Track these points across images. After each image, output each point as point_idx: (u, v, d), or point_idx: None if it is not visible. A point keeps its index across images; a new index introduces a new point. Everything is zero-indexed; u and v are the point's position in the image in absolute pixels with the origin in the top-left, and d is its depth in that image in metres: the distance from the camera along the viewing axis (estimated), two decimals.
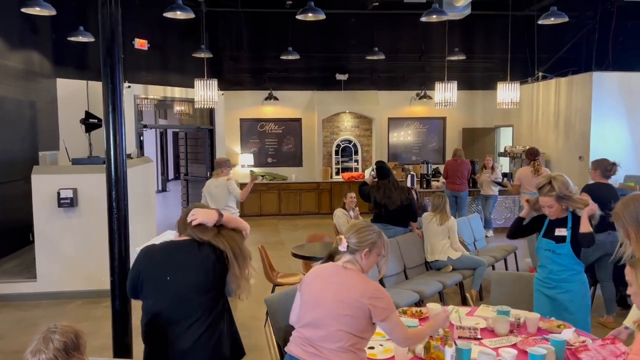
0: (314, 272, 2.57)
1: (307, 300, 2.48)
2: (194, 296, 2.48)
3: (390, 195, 5.64)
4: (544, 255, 3.40)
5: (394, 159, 12.75)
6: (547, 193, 3.27)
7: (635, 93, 9.31)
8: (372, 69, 12.19)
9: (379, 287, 2.41)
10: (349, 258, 2.45)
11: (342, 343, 2.33)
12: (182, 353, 2.45)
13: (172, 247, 2.62)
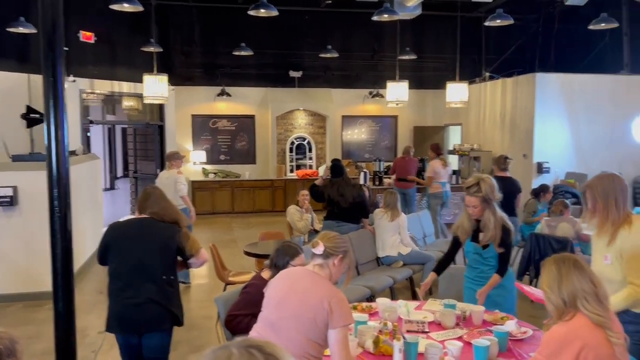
0: (281, 274, 2.57)
1: (269, 302, 2.46)
2: (151, 261, 3.09)
3: (343, 193, 5.70)
4: (473, 258, 3.56)
5: (348, 156, 12.86)
6: (474, 193, 3.37)
7: (576, 93, 9.74)
8: (325, 67, 12.24)
9: (344, 296, 2.41)
10: (321, 262, 2.45)
11: (300, 349, 2.31)
12: (139, 306, 3.04)
13: (134, 221, 3.36)
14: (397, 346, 2.54)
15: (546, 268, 2.21)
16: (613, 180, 2.78)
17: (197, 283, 6.95)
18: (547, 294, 2.18)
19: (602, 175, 2.84)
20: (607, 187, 2.75)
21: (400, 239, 5.68)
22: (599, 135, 9.73)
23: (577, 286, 2.10)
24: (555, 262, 2.20)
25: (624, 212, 2.74)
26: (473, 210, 3.42)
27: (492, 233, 3.38)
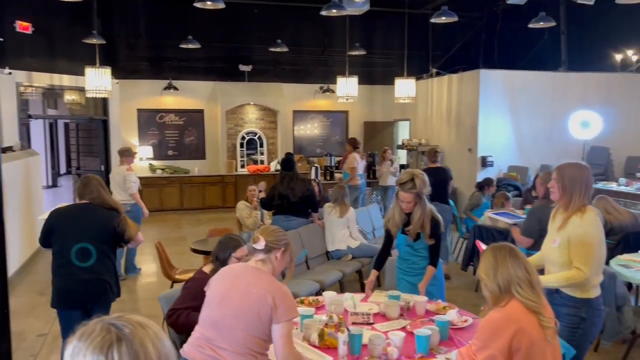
0: (222, 272, 2.52)
1: (211, 300, 2.41)
2: (92, 242, 3.47)
3: (293, 187, 5.70)
4: (404, 250, 3.66)
5: (300, 151, 12.86)
6: (409, 190, 3.47)
7: (518, 90, 10.11)
8: (276, 61, 12.17)
9: (288, 290, 2.40)
10: (263, 257, 2.43)
11: (244, 347, 2.29)
12: (83, 282, 3.44)
13: (76, 206, 3.80)
14: (341, 338, 2.57)
15: (484, 256, 2.30)
16: (583, 170, 2.87)
17: (144, 282, 6.79)
18: (483, 280, 2.26)
19: (574, 164, 2.91)
20: (577, 175, 2.83)
21: (349, 233, 5.74)
22: (539, 130, 10.14)
23: (511, 273, 2.19)
24: (492, 250, 2.28)
25: (583, 202, 2.82)
26: (407, 206, 3.51)
27: (418, 225, 3.49)
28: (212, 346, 2.32)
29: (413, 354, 2.61)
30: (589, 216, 2.79)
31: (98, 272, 3.48)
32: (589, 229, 2.76)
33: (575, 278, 2.74)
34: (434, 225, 3.53)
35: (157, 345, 1.08)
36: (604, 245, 2.83)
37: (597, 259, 2.77)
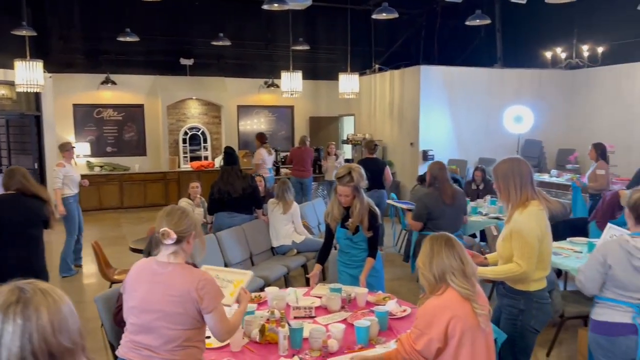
0: (135, 275, 2.35)
1: (133, 306, 2.30)
2: (25, 229, 3.95)
3: (233, 183, 5.63)
4: (344, 243, 3.72)
5: (245, 147, 12.74)
6: (347, 183, 3.52)
7: (456, 85, 10.42)
8: (218, 55, 11.98)
9: (207, 274, 2.35)
10: (174, 249, 2.30)
11: (179, 342, 2.24)
12: (16, 267, 3.47)
13: (3, 196, 4.04)
14: (281, 333, 2.58)
15: (422, 246, 2.37)
16: (514, 163, 2.88)
17: (85, 283, 6.55)
18: (421, 269, 2.34)
19: (506, 159, 2.94)
20: (508, 170, 2.86)
21: (294, 228, 5.74)
22: (477, 124, 10.51)
23: (446, 263, 2.26)
24: (430, 240, 2.36)
25: (522, 195, 2.82)
26: (345, 199, 3.56)
27: (359, 218, 3.55)
28: (147, 347, 2.26)
29: (353, 345, 2.65)
30: (529, 211, 2.79)
31: (31, 257, 3.95)
32: (527, 224, 2.77)
33: (513, 272, 2.77)
34: (371, 217, 3.60)
35: (53, 312, 1.16)
36: (547, 239, 2.84)
37: (536, 254, 2.75)
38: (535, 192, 2.88)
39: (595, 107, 10.45)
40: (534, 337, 2.91)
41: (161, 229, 2.26)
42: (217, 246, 5.06)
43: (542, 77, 10.75)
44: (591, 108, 10.55)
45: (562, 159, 10.28)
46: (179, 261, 2.32)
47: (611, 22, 9.50)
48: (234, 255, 5.20)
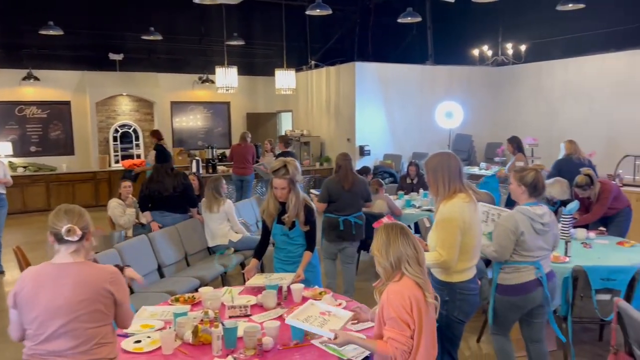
0: (33, 284, 2.16)
1: (37, 316, 2.13)
2: None
3: (163, 181, 5.47)
4: (280, 239, 3.70)
5: (180, 144, 12.44)
6: (283, 176, 3.53)
7: (390, 82, 10.64)
8: (149, 49, 11.60)
9: (113, 268, 2.30)
10: (76, 247, 2.19)
11: (96, 339, 2.16)
12: None
13: None
14: (215, 333, 2.53)
15: (377, 234, 2.40)
16: (443, 158, 2.95)
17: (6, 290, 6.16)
18: (377, 257, 2.38)
19: (437, 154, 3.02)
20: (437, 164, 2.93)
21: (230, 226, 5.66)
22: (411, 120, 10.79)
23: (402, 251, 2.32)
24: (385, 229, 2.40)
25: (450, 187, 2.89)
26: (282, 192, 3.54)
27: (295, 212, 3.56)
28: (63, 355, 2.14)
29: (288, 341, 2.64)
30: (453, 202, 2.87)
31: None
32: (450, 214, 2.84)
33: (435, 260, 2.86)
34: (307, 212, 3.61)
35: None
36: (472, 231, 2.88)
37: (457, 244, 2.83)
38: (464, 185, 2.96)
39: (520, 102, 10.99)
40: (460, 327, 3.01)
41: (64, 226, 2.14)
42: (149, 247, 4.91)
43: (471, 74, 11.18)
44: (516, 103, 11.09)
45: (491, 152, 10.75)
46: (81, 259, 2.21)
47: (533, 22, 10.03)
48: (168, 256, 5.07)
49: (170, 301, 3.28)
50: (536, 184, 3.31)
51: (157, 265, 4.96)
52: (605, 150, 8.71)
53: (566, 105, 10.06)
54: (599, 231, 4.85)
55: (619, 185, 6.72)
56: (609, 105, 9.31)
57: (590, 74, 9.61)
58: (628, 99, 8.98)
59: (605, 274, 3.68)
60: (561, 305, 3.82)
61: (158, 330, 2.81)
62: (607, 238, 4.71)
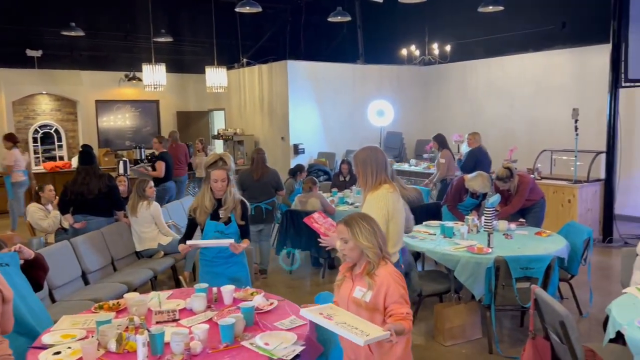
0: None
1: None
2: None
3: (89, 183, 5.22)
4: (213, 237, 3.59)
5: (106, 144, 11.94)
6: (222, 167, 3.50)
7: (322, 80, 10.71)
8: (71, 46, 11.03)
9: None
10: None
11: None
12: None
13: None
14: (140, 340, 2.44)
15: (355, 228, 2.43)
16: (371, 151, 3.10)
17: None
18: (368, 247, 2.42)
19: (365, 147, 3.15)
20: (366, 157, 3.08)
21: (158, 230, 5.49)
22: (343, 118, 10.92)
23: (383, 235, 2.50)
24: (362, 220, 2.47)
25: (377, 179, 3.06)
26: (222, 185, 3.50)
27: (232, 205, 3.54)
28: None
29: (218, 344, 2.59)
30: (378, 193, 3.03)
31: None
32: (375, 203, 3.01)
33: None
34: (243, 206, 3.62)
35: None
36: (395, 219, 3.06)
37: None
38: (390, 177, 3.12)
39: (447, 100, 11.40)
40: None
41: None
42: (72, 253, 4.67)
43: (400, 73, 11.47)
44: (444, 101, 11.49)
45: (420, 149, 11.08)
46: None
47: (456, 23, 10.43)
48: (92, 262, 4.84)
49: (93, 309, 3.14)
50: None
51: (82, 271, 4.73)
52: (525, 145, 9.21)
53: (489, 102, 10.55)
54: (519, 222, 5.12)
55: (537, 179, 7.15)
56: (528, 103, 9.85)
57: (511, 73, 10.12)
58: (545, 96, 9.54)
59: (525, 263, 3.89)
60: (485, 294, 4.00)
61: (80, 340, 2.67)
62: (527, 229, 4.98)
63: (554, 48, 9.32)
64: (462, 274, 4.08)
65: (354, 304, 2.47)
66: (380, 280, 2.41)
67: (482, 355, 4.05)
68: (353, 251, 2.45)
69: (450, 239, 4.64)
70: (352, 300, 2.48)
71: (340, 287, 2.58)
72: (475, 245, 4.28)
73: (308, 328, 2.74)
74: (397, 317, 2.36)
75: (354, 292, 2.47)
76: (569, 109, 7.30)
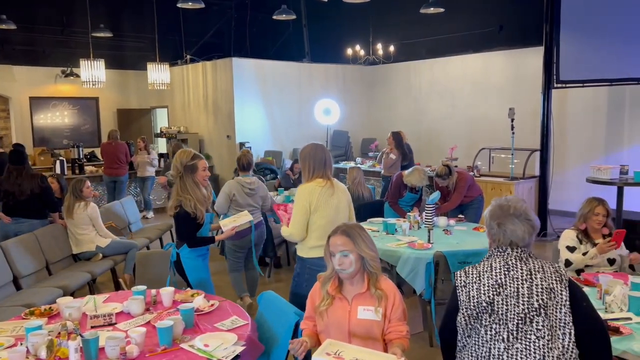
0: None
1: None
2: None
3: (21, 184, 4.97)
4: (208, 229, 3.76)
5: (42, 143, 11.39)
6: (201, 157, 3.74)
7: (269, 78, 10.65)
8: (2, 40, 10.46)
9: None
10: None
11: None
12: None
13: None
14: (72, 346, 2.34)
15: (357, 238, 2.37)
16: (313, 148, 3.31)
17: None
18: (373, 258, 2.39)
19: (309, 144, 3.37)
20: (307, 153, 3.29)
21: (96, 231, 5.29)
22: (290, 116, 10.90)
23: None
24: (361, 230, 2.42)
25: (314, 174, 3.26)
26: (208, 172, 3.71)
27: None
28: None
29: (156, 347, 2.53)
30: (305, 186, 3.28)
31: None
32: (299, 195, 3.27)
33: (283, 232, 3.37)
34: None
35: None
36: (320, 212, 3.21)
37: (302, 220, 3.21)
38: (327, 174, 3.30)
39: (392, 100, 11.61)
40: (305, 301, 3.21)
41: None
42: (2, 257, 4.42)
43: (345, 73, 11.57)
44: (389, 101, 11.69)
45: (365, 147, 11.23)
46: None
47: (400, 23, 10.64)
48: (25, 266, 4.61)
49: (23, 315, 2.99)
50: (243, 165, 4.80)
51: (13, 276, 4.49)
52: (465, 144, 9.52)
53: (432, 102, 10.82)
54: (458, 218, 5.29)
55: (476, 176, 7.40)
56: (468, 103, 10.17)
57: (453, 74, 10.42)
58: (484, 96, 9.88)
59: (462, 257, 4.01)
60: (425, 289, 4.10)
61: (7, 348, 2.54)
62: (465, 225, 5.14)
63: (492, 50, 9.67)
64: (404, 269, 4.16)
65: (361, 327, 2.36)
66: (388, 293, 2.36)
67: (423, 348, 4.15)
68: (354, 264, 2.35)
69: (392, 235, 4.72)
70: (358, 324, 2.36)
71: (329, 311, 2.42)
72: (416, 241, 4.39)
73: (249, 328, 2.72)
74: (399, 336, 2.34)
75: (359, 314, 2.37)
76: (506, 108, 7.59)
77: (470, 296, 2.00)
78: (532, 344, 1.89)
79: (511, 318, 1.93)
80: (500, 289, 1.96)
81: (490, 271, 2.00)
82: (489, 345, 1.95)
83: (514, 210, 2.02)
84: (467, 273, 2.06)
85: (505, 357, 1.91)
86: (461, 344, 2.08)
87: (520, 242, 2.01)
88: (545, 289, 1.92)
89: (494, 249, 2.07)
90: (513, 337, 1.91)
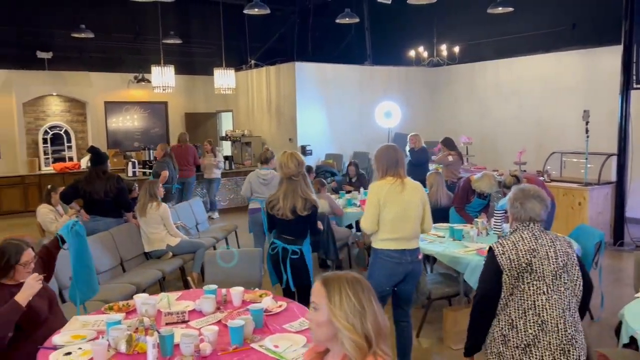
0: None
1: None
2: None
3: (94, 184, 5.25)
4: None
5: (115, 145, 11.98)
6: None
7: (330, 82, 10.70)
8: (81, 48, 11.10)
9: None
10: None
11: None
12: None
13: None
14: (150, 342, 2.44)
15: (333, 292, 1.55)
16: (385, 149, 3.55)
17: None
18: (348, 330, 1.53)
19: (382, 145, 3.61)
20: (379, 153, 3.54)
21: (166, 231, 5.50)
22: (350, 119, 10.90)
23: (379, 320, 1.57)
24: (348, 284, 1.57)
25: (387, 173, 3.48)
26: None
27: None
28: None
29: (227, 346, 2.59)
30: (376, 183, 3.53)
31: None
32: (369, 191, 3.55)
33: (360, 224, 3.61)
34: None
35: None
36: (388, 208, 3.42)
37: (373, 214, 3.45)
38: (398, 172, 3.48)
39: (456, 102, 11.36)
40: (376, 280, 3.41)
41: None
42: None
43: (408, 75, 11.43)
44: (452, 103, 11.45)
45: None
46: None
47: (465, 24, 10.39)
48: (102, 262, 4.86)
49: (103, 309, 3.15)
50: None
51: None
52: (534, 148, 9.15)
53: (498, 104, 10.49)
54: None
55: (547, 181, 7.10)
56: (537, 105, 9.78)
57: (520, 75, 10.06)
58: (555, 98, 9.47)
59: None
60: None
61: (90, 340, 2.68)
62: None
63: (564, 49, 9.25)
64: (472, 277, 4.05)
65: None
66: None
67: None
68: (320, 328, 1.56)
69: (459, 241, 4.61)
70: None
71: None
72: (485, 248, 4.25)
73: None
74: None
75: None
76: (579, 110, 7.24)
77: (510, 259, 2.43)
78: (562, 294, 2.42)
79: (547, 275, 2.42)
80: (534, 252, 2.44)
81: (522, 240, 2.47)
82: (532, 299, 2.42)
83: (533, 193, 2.54)
84: (502, 244, 2.49)
85: (547, 306, 2.40)
86: (503, 302, 2.47)
87: (537, 218, 2.51)
88: (565, 252, 2.48)
89: (519, 224, 2.54)
90: (550, 289, 2.41)
